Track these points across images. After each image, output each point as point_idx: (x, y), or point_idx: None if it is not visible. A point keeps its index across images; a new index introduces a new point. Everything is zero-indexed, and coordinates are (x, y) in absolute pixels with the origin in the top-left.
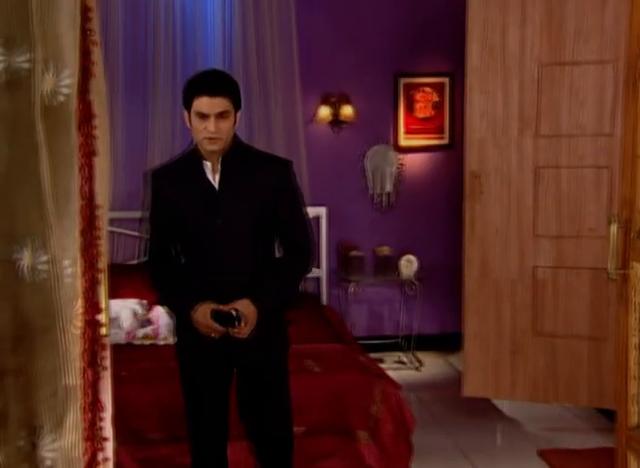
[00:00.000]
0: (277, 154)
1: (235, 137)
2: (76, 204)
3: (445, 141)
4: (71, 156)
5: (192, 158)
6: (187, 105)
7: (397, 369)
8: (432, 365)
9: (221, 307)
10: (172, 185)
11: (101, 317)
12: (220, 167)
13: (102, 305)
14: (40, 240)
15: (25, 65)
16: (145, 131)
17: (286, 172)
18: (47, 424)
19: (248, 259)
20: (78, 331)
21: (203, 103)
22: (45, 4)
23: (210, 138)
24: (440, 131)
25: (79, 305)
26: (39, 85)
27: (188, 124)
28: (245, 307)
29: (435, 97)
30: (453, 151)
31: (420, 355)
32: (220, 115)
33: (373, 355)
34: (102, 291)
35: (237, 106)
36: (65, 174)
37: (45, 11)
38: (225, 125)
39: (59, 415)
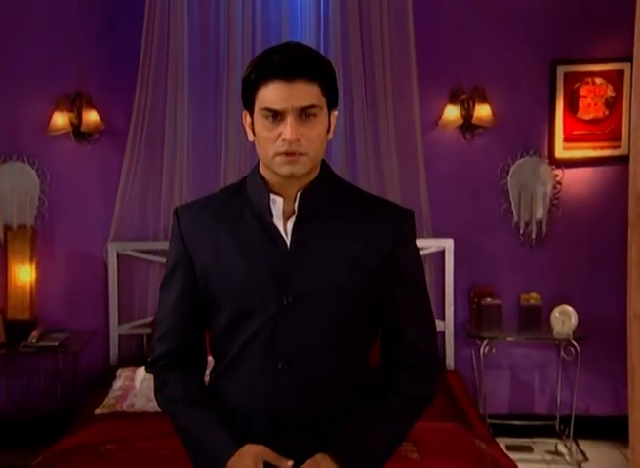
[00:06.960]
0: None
1: (323, 163)
2: None
3: (621, 152)
4: None
5: (250, 191)
6: (249, 102)
7: (551, 462)
8: (601, 458)
9: (281, 459)
10: (208, 234)
11: None
12: (296, 207)
13: None
14: None
15: None
16: (217, 144)
17: (406, 228)
18: None
19: (329, 371)
20: None
21: (273, 93)
22: None
23: (287, 154)
24: (615, 137)
25: None
26: None
27: (251, 135)
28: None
29: (609, 92)
30: None
31: (585, 444)
32: (305, 112)
33: (517, 441)
34: None
35: (332, 101)
36: None
37: None
38: (313, 131)
39: None
